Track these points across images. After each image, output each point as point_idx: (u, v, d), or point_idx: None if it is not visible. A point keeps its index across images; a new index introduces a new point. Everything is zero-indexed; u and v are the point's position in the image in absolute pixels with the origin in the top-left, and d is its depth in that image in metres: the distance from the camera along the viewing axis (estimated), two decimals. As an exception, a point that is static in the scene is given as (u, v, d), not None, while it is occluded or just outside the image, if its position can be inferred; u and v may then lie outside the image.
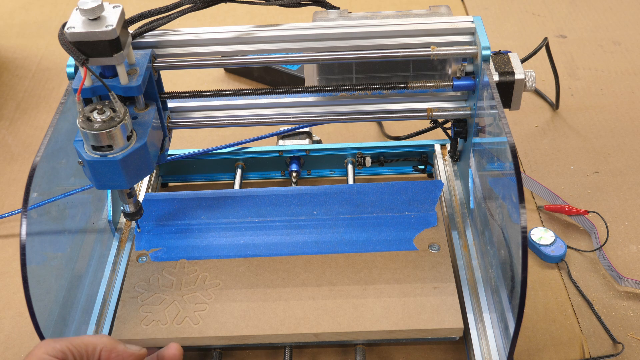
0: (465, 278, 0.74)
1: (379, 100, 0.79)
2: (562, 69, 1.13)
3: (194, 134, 1.05)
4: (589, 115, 1.05)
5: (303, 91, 0.77)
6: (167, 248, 0.78)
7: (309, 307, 0.71)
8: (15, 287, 0.84)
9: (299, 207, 0.82)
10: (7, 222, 0.93)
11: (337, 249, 0.77)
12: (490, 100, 0.68)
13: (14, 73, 1.22)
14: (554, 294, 0.79)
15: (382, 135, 1.04)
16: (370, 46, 0.74)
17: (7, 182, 0.99)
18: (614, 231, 0.86)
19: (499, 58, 0.78)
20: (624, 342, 0.74)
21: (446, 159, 0.90)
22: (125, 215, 0.74)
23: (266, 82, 1.14)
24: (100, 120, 0.62)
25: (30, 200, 0.62)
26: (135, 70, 0.68)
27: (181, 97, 0.75)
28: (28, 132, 1.09)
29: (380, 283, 0.73)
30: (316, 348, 0.74)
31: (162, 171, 0.94)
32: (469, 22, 0.74)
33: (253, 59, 0.75)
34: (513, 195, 0.59)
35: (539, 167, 0.96)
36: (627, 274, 0.80)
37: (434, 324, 0.68)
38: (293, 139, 0.95)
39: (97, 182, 0.65)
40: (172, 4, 0.74)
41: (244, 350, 0.74)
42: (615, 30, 1.23)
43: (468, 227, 0.80)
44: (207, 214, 0.82)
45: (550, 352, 0.73)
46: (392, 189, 0.83)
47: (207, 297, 0.72)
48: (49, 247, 0.67)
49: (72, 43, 0.62)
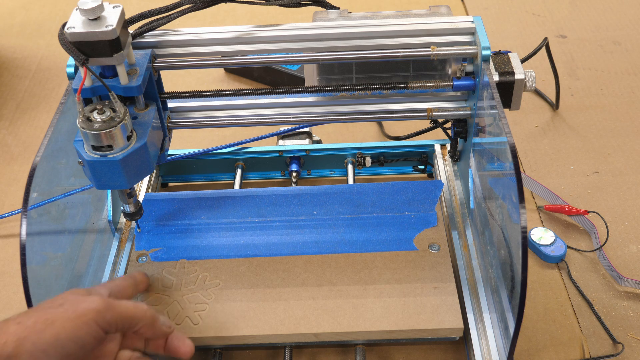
0: (465, 278, 0.74)
1: (379, 100, 0.79)
2: (562, 69, 1.13)
3: (194, 134, 1.05)
4: (589, 115, 1.05)
5: (303, 91, 0.77)
6: (167, 248, 0.78)
7: (309, 307, 0.71)
8: (15, 287, 0.84)
9: (299, 207, 0.82)
10: (7, 222, 0.93)
11: (337, 249, 0.77)
12: (490, 100, 0.68)
13: (14, 73, 1.22)
14: (554, 294, 0.79)
15: (382, 135, 1.04)
16: (370, 46, 0.74)
17: (7, 182, 0.99)
18: (614, 231, 0.86)
19: (499, 58, 0.78)
20: (624, 342, 0.74)
21: (446, 159, 0.90)
22: (125, 215, 0.74)
23: (266, 82, 1.14)
24: (100, 120, 0.62)
25: (30, 200, 0.62)
26: (135, 70, 0.68)
27: (181, 97, 0.75)
28: (28, 132, 1.09)
29: (380, 283, 0.73)
30: (316, 348, 0.74)
31: (162, 171, 0.94)
32: (469, 22, 0.74)
33: (253, 59, 0.75)
34: (513, 195, 0.59)
35: (539, 167, 0.96)
36: (627, 274, 0.80)
37: (434, 324, 0.68)
38: (293, 139, 0.95)
39: (97, 182, 0.65)
40: (172, 4, 0.74)
41: (244, 350, 0.74)
42: (615, 30, 1.23)
43: (468, 227, 0.80)
44: (207, 214, 0.82)
45: (550, 352, 0.73)
46: (392, 189, 0.83)
47: (207, 297, 0.72)
48: (49, 247, 0.67)
49: (72, 43, 0.62)
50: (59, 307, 0.56)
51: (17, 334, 0.53)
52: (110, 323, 0.57)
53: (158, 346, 0.64)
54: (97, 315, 0.56)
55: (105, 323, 0.57)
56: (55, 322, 0.54)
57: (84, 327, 0.55)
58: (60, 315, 0.55)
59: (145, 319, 0.60)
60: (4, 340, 0.53)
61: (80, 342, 0.55)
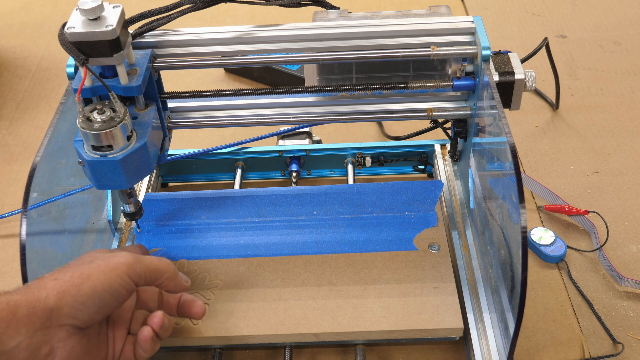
0: (465, 278, 0.74)
1: (379, 100, 0.79)
2: (562, 69, 1.13)
3: (194, 134, 1.05)
4: (589, 115, 1.05)
5: (303, 91, 0.77)
6: (167, 248, 0.78)
7: (309, 307, 0.71)
8: (15, 287, 0.83)
9: (299, 207, 0.82)
10: (7, 222, 0.93)
11: (337, 249, 0.77)
12: (490, 100, 0.68)
13: (14, 73, 1.22)
14: (554, 294, 0.79)
15: (382, 135, 1.04)
16: (370, 46, 0.74)
17: (7, 182, 0.99)
18: (614, 231, 0.86)
19: (499, 58, 0.78)
20: (624, 342, 0.74)
21: (446, 159, 0.90)
22: (125, 215, 0.74)
23: (266, 82, 1.14)
24: (100, 120, 0.62)
25: (30, 200, 0.62)
26: (135, 70, 0.68)
27: (181, 97, 0.75)
28: (28, 132, 1.09)
29: (380, 283, 0.73)
30: (316, 348, 0.74)
31: (162, 171, 0.94)
32: (469, 22, 0.74)
33: (253, 59, 0.75)
34: (513, 195, 0.59)
35: (539, 167, 0.96)
36: (627, 274, 0.80)
37: (434, 324, 0.68)
38: (293, 139, 0.95)
39: (97, 182, 0.65)
40: (172, 4, 0.74)
41: (244, 350, 0.74)
42: (615, 30, 1.23)
43: (468, 227, 0.80)
44: (207, 214, 0.82)
45: (550, 352, 0.73)
46: (392, 189, 0.83)
47: (207, 297, 0.72)
48: (49, 247, 0.67)
49: (72, 43, 0.62)
50: (90, 263, 0.59)
51: (56, 288, 0.56)
52: (140, 275, 0.61)
53: (171, 306, 0.67)
54: (129, 268, 0.60)
55: (135, 275, 0.60)
56: (92, 276, 0.58)
57: (117, 279, 0.59)
58: (95, 269, 0.58)
59: (169, 271, 0.64)
60: (44, 294, 0.56)
61: (116, 293, 0.59)
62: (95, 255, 0.61)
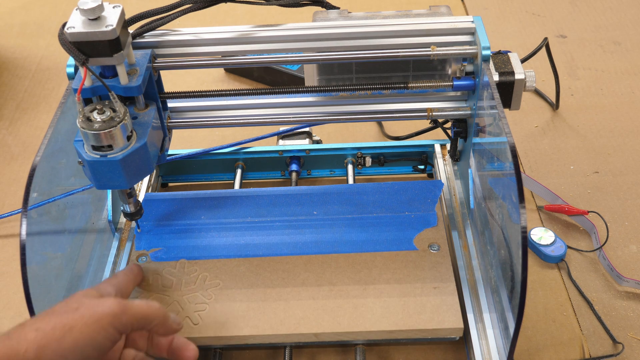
0: (465, 278, 0.74)
1: (379, 100, 0.79)
2: (562, 69, 1.13)
3: (194, 134, 1.05)
4: (589, 115, 1.05)
5: (303, 91, 0.77)
6: (167, 248, 0.78)
7: (309, 307, 0.71)
8: (15, 287, 0.84)
9: (299, 207, 0.82)
10: (7, 222, 0.93)
11: (337, 249, 0.77)
12: (490, 100, 0.68)
13: (14, 73, 1.22)
14: (554, 294, 0.79)
15: (382, 135, 1.04)
16: (370, 46, 0.74)
17: (7, 182, 0.99)
18: (614, 231, 0.86)
19: (499, 58, 0.78)
20: (624, 342, 0.74)
21: (446, 159, 0.90)
22: (125, 215, 0.74)
23: (266, 82, 1.14)
24: (100, 120, 0.62)
25: (30, 200, 0.62)
26: (135, 70, 0.68)
27: (181, 97, 0.75)
28: (28, 132, 1.09)
29: (380, 283, 0.73)
30: (316, 348, 0.74)
31: (162, 171, 0.94)
32: (469, 22, 0.74)
33: (253, 59, 0.75)
34: (513, 195, 0.59)
35: (539, 167, 0.96)
36: (627, 274, 0.80)
37: (434, 324, 0.68)
38: (293, 139, 0.95)
39: (97, 182, 0.65)
40: (172, 4, 0.74)
41: (244, 350, 0.74)
42: (615, 30, 1.23)
43: (468, 227, 0.80)
44: (207, 214, 0.82)
45: (550, 352, 0.73)
46: (392, 189, 0.83)
47: (207, 297, 0.72)
48: (49, 247, 0.67)
49: (72, 43, 0.62)
50: (75, 312, 0.56)
51: (37, 341, 0.53)
52: (126, 325, 0.58)
53: (162, 348, 0.65)
54: (114, 319, 0.57)
55: (121, 325, 0.58)
56: (74, 328, 0.55)
57: (101, 331, 0.56)
58: (78, 320, 0.56)
59: (158, 317, 0.61)
60: (24, 347, 0.53)
61: (98, 346, 0.56)
62: (81, 301, 0.58)
